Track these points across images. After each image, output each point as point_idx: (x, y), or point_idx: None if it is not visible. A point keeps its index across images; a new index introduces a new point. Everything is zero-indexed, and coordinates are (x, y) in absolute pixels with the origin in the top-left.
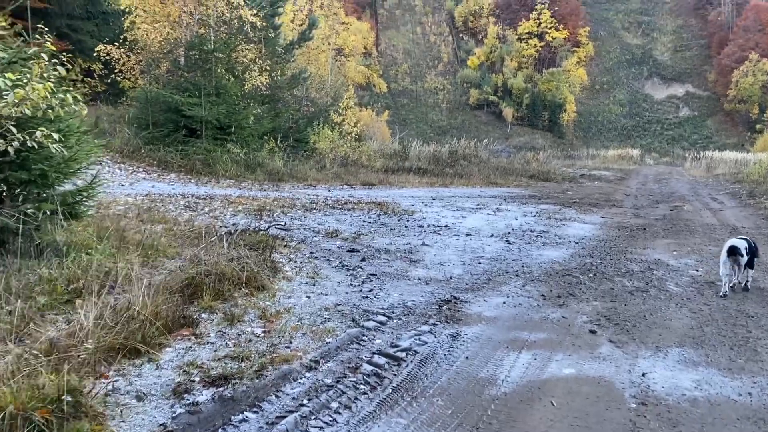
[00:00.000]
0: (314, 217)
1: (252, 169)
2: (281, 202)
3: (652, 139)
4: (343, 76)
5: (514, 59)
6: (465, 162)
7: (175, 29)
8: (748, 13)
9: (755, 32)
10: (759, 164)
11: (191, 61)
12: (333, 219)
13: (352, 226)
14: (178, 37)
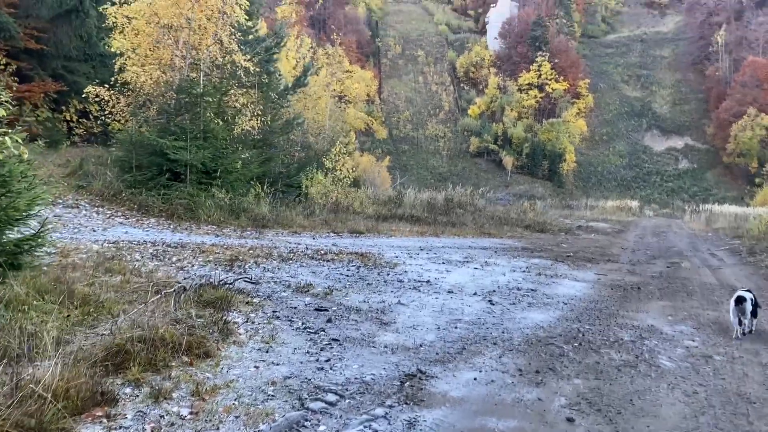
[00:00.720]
0: (289, 268)
1: (236, 215)
2: (257, 251)
3: (651, 191)
4: (343, 122)
5: (515, 109)
6: (460, 210)
7: (166, 72)
8: (745, 68)
9: (753, 87)
10: (759, 220)
11: (180, 105)
12: (308, 271)
13: (327, 280)
14: (168, 81)
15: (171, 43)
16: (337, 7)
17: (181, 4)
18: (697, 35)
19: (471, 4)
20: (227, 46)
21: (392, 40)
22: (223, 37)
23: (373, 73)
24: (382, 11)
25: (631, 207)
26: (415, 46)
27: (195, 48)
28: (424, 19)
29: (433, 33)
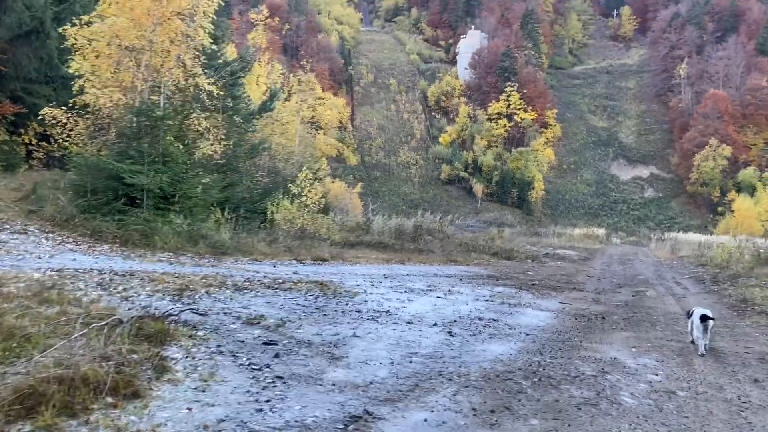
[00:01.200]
0: (242, 298)
1: (194, 242)
2: (211, 280)
3: (618, 219)
4: (314, 148)
5: (485, 138)
6: (429, 237)
7: (126, 95)
8: (706, 101)
9: (714, 119)
10: (721, 248)
11: (139, 128)
12: (263, 301)
13: (281, 311)
14: (128, 103)
15: (132, 65)
16: (309, 35)
17: (144, 27)
18: (660, 68)
19: (442, 35)
20: (190, 69)
21: (365, 68)
22: (186, 60)
23: (345, 101)
24: (355, 40)
25: (598, 235)
26: (388, 74)
27: (157, 71)
28: (396, 49)
29: (405, 62)
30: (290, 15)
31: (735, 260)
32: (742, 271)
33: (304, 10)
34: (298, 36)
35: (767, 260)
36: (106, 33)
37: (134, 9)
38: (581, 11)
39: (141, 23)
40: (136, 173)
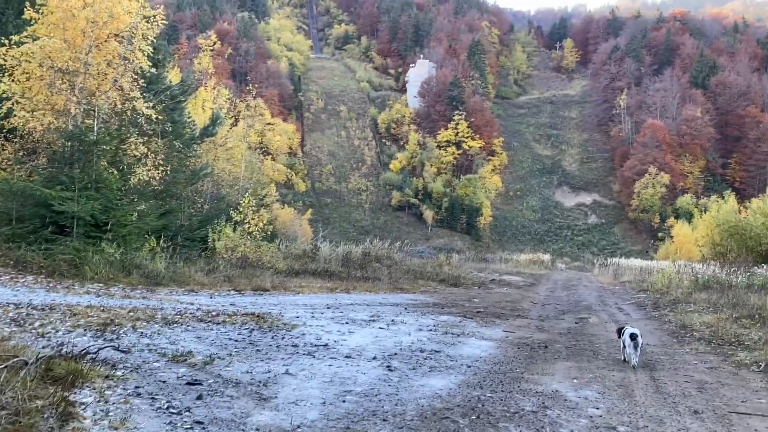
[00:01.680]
0: (171, 333)
1: (127, 272)
2: (139, 314)
3: (563, 244)
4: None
5: (434, 165)
6: (377, 264)
7: (59, 118)
8: (645, 130)
9: (653, 148)
10: (661, 274)
11: (72, 152)
12: (193, 336)
13: (211, 347)
14: (60, 127)
15: (66, 88)
16: (259, 60)
17: (79, 48)
18: (601, 98)
19: (391, 63)
20: (128, 92)
21: (315, 94)
22: (123, 83)
23: (295, 127)
24: (305, 67)
25: (543, 260)
26: (338, 101)
27: (92, 94)
28: (347, 76)
29: (356, 89)
30: (239, 41)
31: (674, 286)
32: (681, 296)
33: (254, 36)
34: (247, 62)
35: (704, 285)
36: (37, 54)
37: (68, 30)
38: (525, 43)
39: (76, 45)
40: (65, 200)
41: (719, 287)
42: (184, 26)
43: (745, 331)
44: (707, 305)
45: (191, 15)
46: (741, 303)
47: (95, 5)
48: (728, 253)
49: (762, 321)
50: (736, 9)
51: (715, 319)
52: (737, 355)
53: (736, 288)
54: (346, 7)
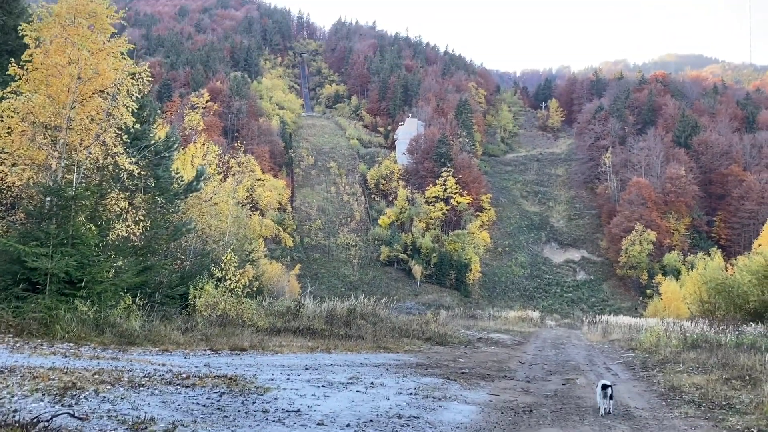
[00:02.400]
0: (136, 397)
1: (100, 331)
2: (105, 376)
3: (552, 301)
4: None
5: (423, 220)
6: (362, 321)
7: (39, 173)
8: (631, 188)
9: (638, 205)
10: (650, 332)
11: (50, 208)
12: (158, 401)
13: (176, 412)
14: (40, 182)
15: (47, 143)
16: (251, 118)
17: (62, 104)
18: (587, 157)
19: (381, 121)
20: (111, 148)
21: (305, 151)
22: (107, 138)
23: (285, 182)
24: (296, 124)
25: (532, 318)
26: (328, 157)
27: (74, 149)
28: (337, 134)
29: (345, 146)
30: (232, 99)
31: (663, 344)
32: (670, 355)
33: (246, 94)
34: (239, 119)
35: (693, 344)
36: (20, 109)
37: (52, 86)
38: (511, 103)
39: (59, 100)
40: (39, 256)
41: (708, 346)
42: (177, 84)
43: (736, 393)
44: (696, 365)
45: (184, 74)
46: (731, 363)
47: (80, 62)
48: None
49: (753, 383)
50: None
51: (705, 380)
52: (728, 420)
53: (726, 347)
54: (337, 68)
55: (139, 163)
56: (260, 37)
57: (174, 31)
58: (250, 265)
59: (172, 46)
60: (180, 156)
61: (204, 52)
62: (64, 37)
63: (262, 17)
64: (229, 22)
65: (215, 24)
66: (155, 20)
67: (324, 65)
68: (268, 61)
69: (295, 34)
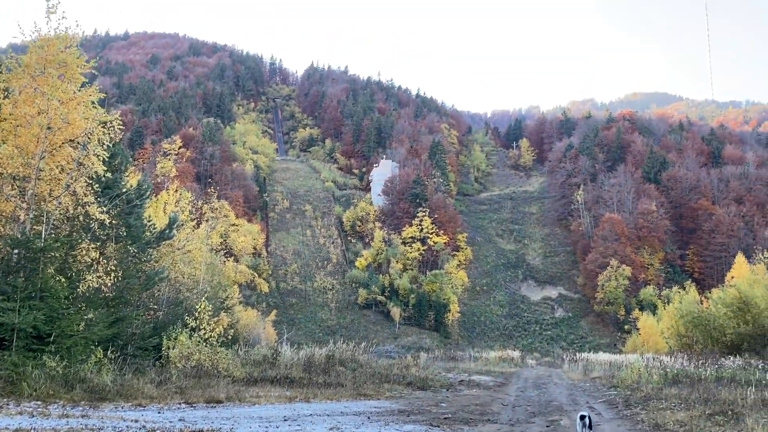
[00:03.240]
0: None
1: (70, 387)
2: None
3: (532, 339)
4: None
5: (400, 261)
6: (341, 368)
7: (6, 225)
8: (604, 224)
9: (612, 241)
10: (631, 369)
11: (17, 260)
12: None
13: None
14: (7, 234)
15: (16, 194)
16: (224, 163)
17: (31, 154)
18: (559, 194)
19: (355, 163)
20: (81, 197)
21: (280, 195)
22: (77, 188)
23: (260, 227)
24: (270, 168)
25: (513, 357)
26: (303, 200)
27: (43, 199)
28: (311, 176)
29: (320, 189)
30: (205, 145)
31: (644, 381)
32: (652, 392)
33: (219, 140)
34: (212, 165)
35: (674, 380)
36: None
37: (21, 136)
38: (483, 143)
39: (28, 151)
40: (6, 311)
41: (689, 381)
42: (149, 131)
43: (720, 429)
44: (679, 401)
45: (156, 121)
46: (712, 398)
47: (50, 112)
48: (694, 345)
49: (735, 417)
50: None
51: (689, 416)
52: None
53: (706, 381)
54: (311, 112)
55: (111, 212)
56: (233, 83)
57: (146, 79)
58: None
59: (143, 93)
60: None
61: (176, 98)
62: (33, 88)
63: (234, 64)
64: (201, 69)
65: (187, 71)
66: (127, 68)
67: (297, 109)
68: (241, 106)
69: (268, 79)
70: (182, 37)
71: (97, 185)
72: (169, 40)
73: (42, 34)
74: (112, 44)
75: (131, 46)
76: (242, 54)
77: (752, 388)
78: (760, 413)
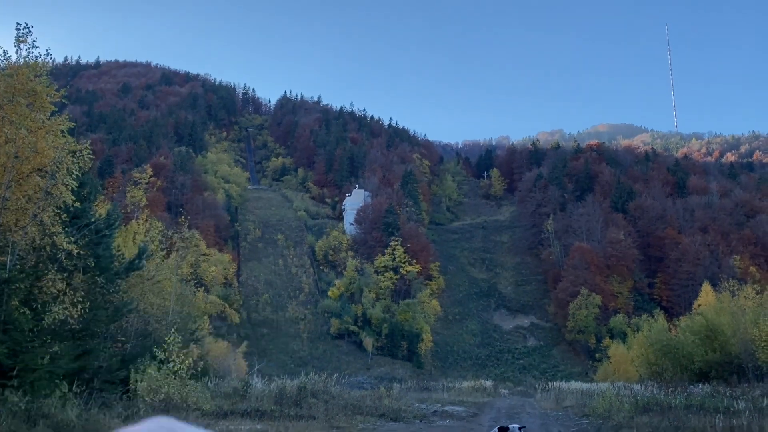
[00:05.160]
0: None
1: (32, 423)
2: None
3: (505, 368)
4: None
5: (373, 290)
6: (314, 400)
7: None
8: (574, 253)
9: (582, 270)
10: (602, 398)
11: None
12: None
13: None
14: None
15: None
16: (195, 192)
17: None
18: (530, 223)
19: (328, 193)
20: (49, 227)
21: (252, 224)
22: (44, 217)
23: (231, 256)
24: (242, 197)
25: (486, 387)
26: (275, 230)
27: (8, 229)
28: (284, 206)
29: (293, 218)
30: (176, 174)
31: (616, 410)
32: (623, 420)
33: (190, 169)
34: (183, 194)
35: (645, 408)
36: None
37: None
38: (455, 173)
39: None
40: None
41: (659, 409)
42: (120, 160)
43: None
44: (650, 429)
45: (127, 149)
46: (682, 426)
47: (18, 141)
48: (664, 372)
49: None
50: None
51: None
52: None
53: (676, 409)
54: (283, 141)
55: (79, 243)
56: (205, 113)
57: (117, 108)
58: (194, 345)
59: (114, 122)
60: (121, 233)
61: (147, 127)
62: (1, 116)
63: (206, 93)
64: (173, 98)
65: (159, 100)
66: (97, 97)
67: (270, 139)
68: (213, 135)
69: (241, 109)
70: (154, 66)
71: (65, 215)
72: (140, 69)
73: (11, 62)
74: (82, 72)
75: (102, 74)
76: (215, 83)
77: (720, 416)
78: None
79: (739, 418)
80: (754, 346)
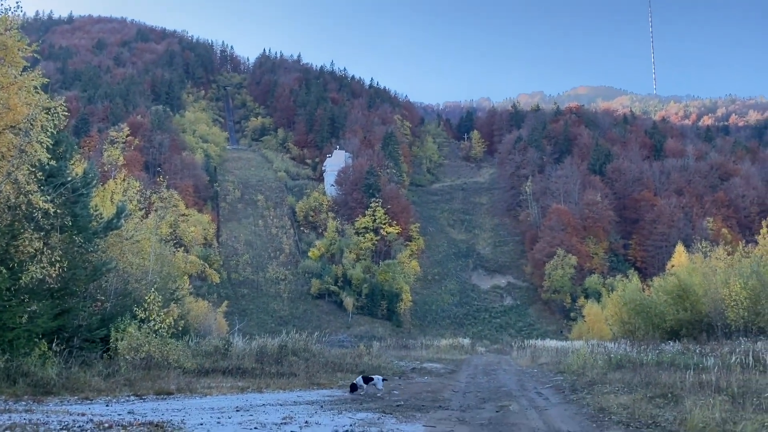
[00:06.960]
0: None
1: (12, 381)
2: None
3: (482, 327)
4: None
5: (353, 251)
6: (294, 358)
7: None
8: (551, 214)
9: (559, 231)
10: (576, 355)
11: None
12: None
13: None
14: None
15: None
16: (173, 152)
17: None
18: (508, 185)
19: (308, 153)
20: (24, 186)
21: (231, 184)
22: (19, 176)
23: (211, 217)
24: (221, 158)
25: (463, 345)
26: (255, 190)
27: None
28: (264, 166)
29: (273, 179)
30: (153, 133)
31: (590, 366)
32: (596, 377)
33: (168, 128)
34: (161, 153)
35: (618, 365)
36: None
37: None
38: (436, 134)
39: None
40: None
41: (632, 366)
42: (96, 119)
43: (660, 411)
44: (622, 385)
45: (103, 108)
46: (653, 382)
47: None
48: (637, 331)
49: (675, 400)
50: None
51: (631, 400)
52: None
53: (648, 366)
54: (263, 101)
55: (55, 201)
56: (182, 71)
57: (92, 65)
58: (174, 304)
59: (89, 79)
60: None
61: (123, 85)
62: None
63: (184, 50)
64: (149, 55)
65: (135, 57)
66: (71, 53)
67: (249, 98)
68: (191, 94)
69: (219, 67)
70: (129, 22)
71: (40, 173)
72: (116, 25)
73: None
74: (55, 28)
75: (76, 30)
76: (192, 40)
77: (690, 372)
78: (697, 395)
79: (708, 374)
80: (723, 305)
